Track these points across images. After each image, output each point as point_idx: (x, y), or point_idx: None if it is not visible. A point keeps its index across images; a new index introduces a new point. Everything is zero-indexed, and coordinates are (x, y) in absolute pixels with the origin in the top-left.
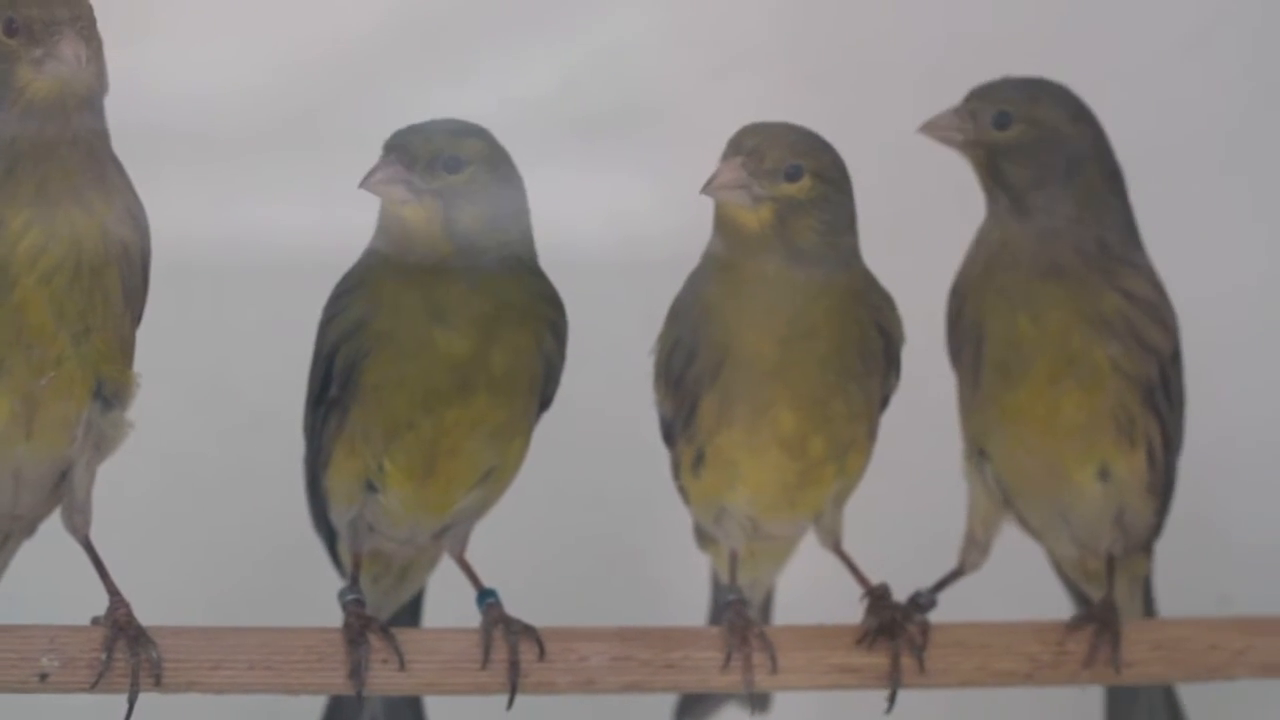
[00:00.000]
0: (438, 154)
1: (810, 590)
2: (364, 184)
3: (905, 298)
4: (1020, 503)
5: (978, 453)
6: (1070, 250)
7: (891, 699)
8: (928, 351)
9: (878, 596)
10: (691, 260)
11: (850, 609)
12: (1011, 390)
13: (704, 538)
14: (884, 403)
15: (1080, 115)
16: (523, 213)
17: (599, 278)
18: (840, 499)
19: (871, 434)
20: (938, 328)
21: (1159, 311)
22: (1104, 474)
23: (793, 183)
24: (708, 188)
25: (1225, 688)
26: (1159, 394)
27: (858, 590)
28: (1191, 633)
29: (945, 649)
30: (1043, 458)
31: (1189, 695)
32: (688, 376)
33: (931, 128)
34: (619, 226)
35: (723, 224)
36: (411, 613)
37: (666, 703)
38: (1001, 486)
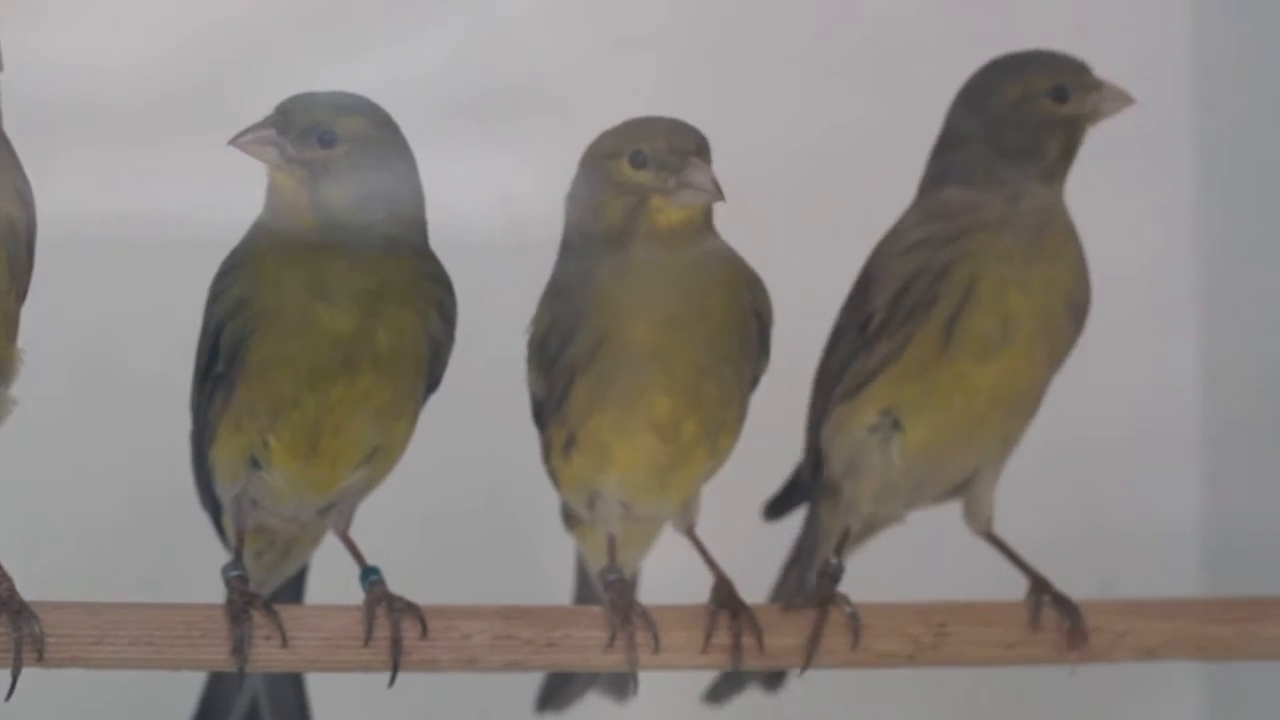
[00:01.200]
0: (314, 125)
1: (682, 571)
2: (234, 140)
3: (803, 280)
4: (907, 469)
5: (890, 425)
6: (1067, 222)
7: (730, 680)
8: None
9: (722, 581)
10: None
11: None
12: (981, 364)
13: (571, 520)
14: (753, 383)
15: None
16: (409, 195)
17: (486, 258)
18: (707, 480)
19: (742, 416)
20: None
21: (1091, 284)
22: (1006, 438)
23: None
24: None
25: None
26: None
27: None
28: None
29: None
30: (974, 429)
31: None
32: (563, 358)
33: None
34: (507, 207)
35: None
36: (295, 589)
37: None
38: (901, 457)
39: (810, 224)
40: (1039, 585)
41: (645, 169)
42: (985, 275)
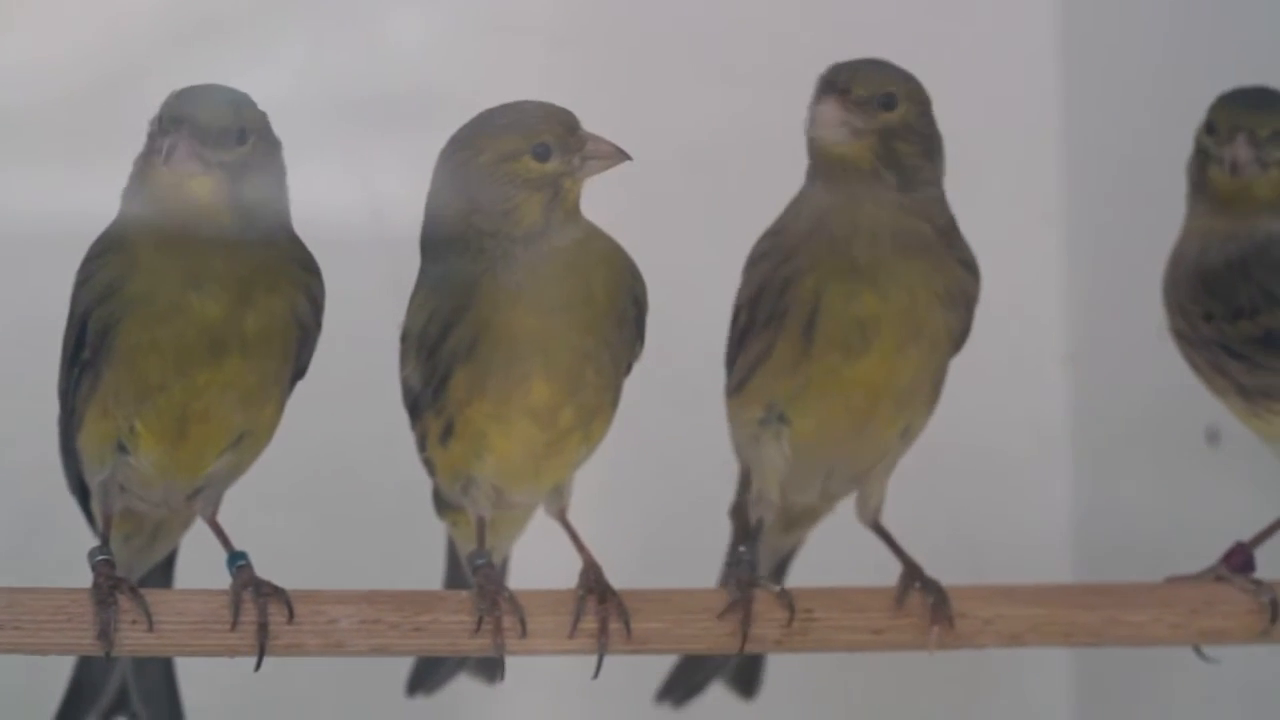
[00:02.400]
0: (229, 125)
1: (551, 557)
2: (167, 164)
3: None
4: (803, 460)
5: (776, 419)
6: (932, 223)
7: (598, 665)
8: None
9: (591, 565)
10: None
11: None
12: (850, 362)
13: (443, 506)
14: (627, 370)
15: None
16: (284, 178)
17: (349, 251)
18: (579, 466)
19: (615, 402)
20: None
21: (977, 273)
22: (905, 431)
23: None
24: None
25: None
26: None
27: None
28: None
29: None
30: (860, 421)
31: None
32: (443, 349)
33: (820, 129)
34: (370, 201)
35: None
36: (164, 573)
37: None
38: (793, 449)
39: (694, 216)
40: (911, 572)
41: (550, 160)
42: (828, 288)
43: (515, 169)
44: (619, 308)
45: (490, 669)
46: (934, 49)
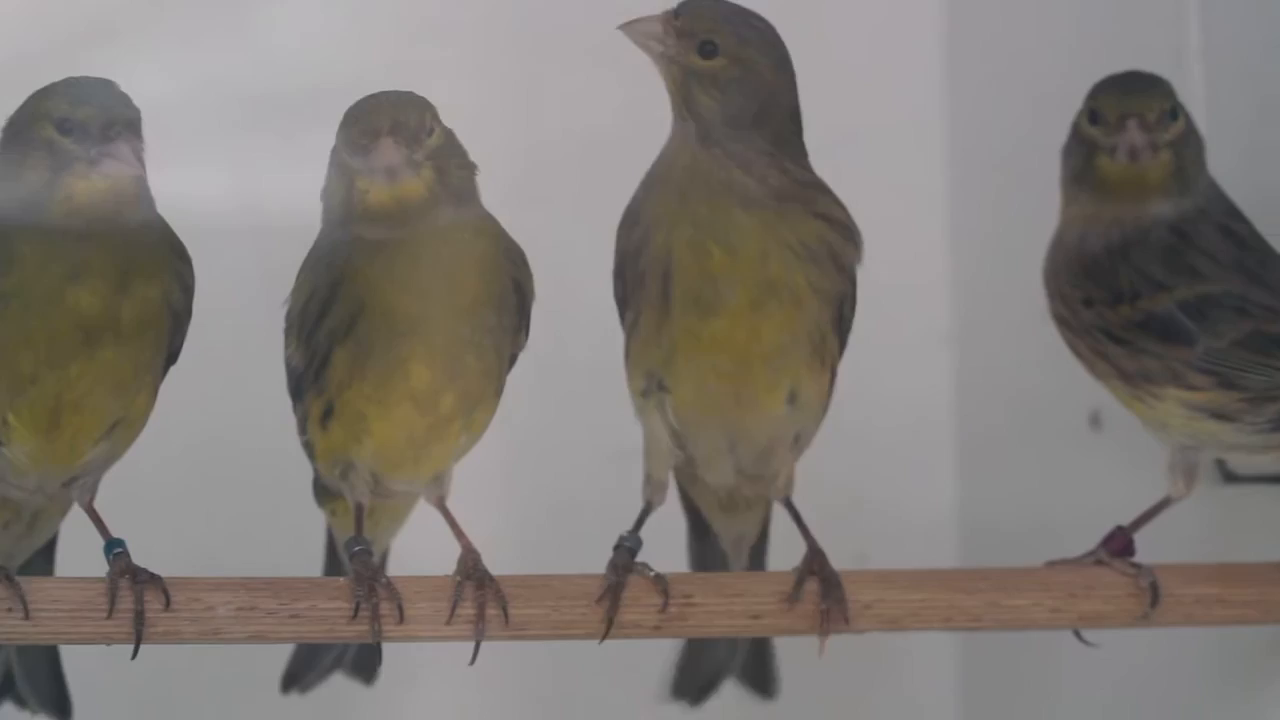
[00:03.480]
0: (113, 122)
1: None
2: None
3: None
4: (693, 434)
5: (656, 387)
6: (759, 181)
7: (475, 651)
8: None
9: (469, 551)
10: (315, 223)
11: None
12: (706, 320)
13: (323, 495)
14: (511, 361)
15: (783, 64)
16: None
17: (220, 241)
18: (460, 456)
19: (498, 391)
20: None
21: (851, 232)
22: (792, 397)
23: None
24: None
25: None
26: (846, 312)
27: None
28: None
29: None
30: (734, 385)
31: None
32: (322, 327)
33: (634, 30)
34: (242, 190)
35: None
36: (45, 561)
37: None
38: (679, 419)
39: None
40: (812, 558)
41: (354, 156)
42: (677, 245)
43: (337, 155)
44: (498, 293)
45: (366, 669)
46: (822, 40)
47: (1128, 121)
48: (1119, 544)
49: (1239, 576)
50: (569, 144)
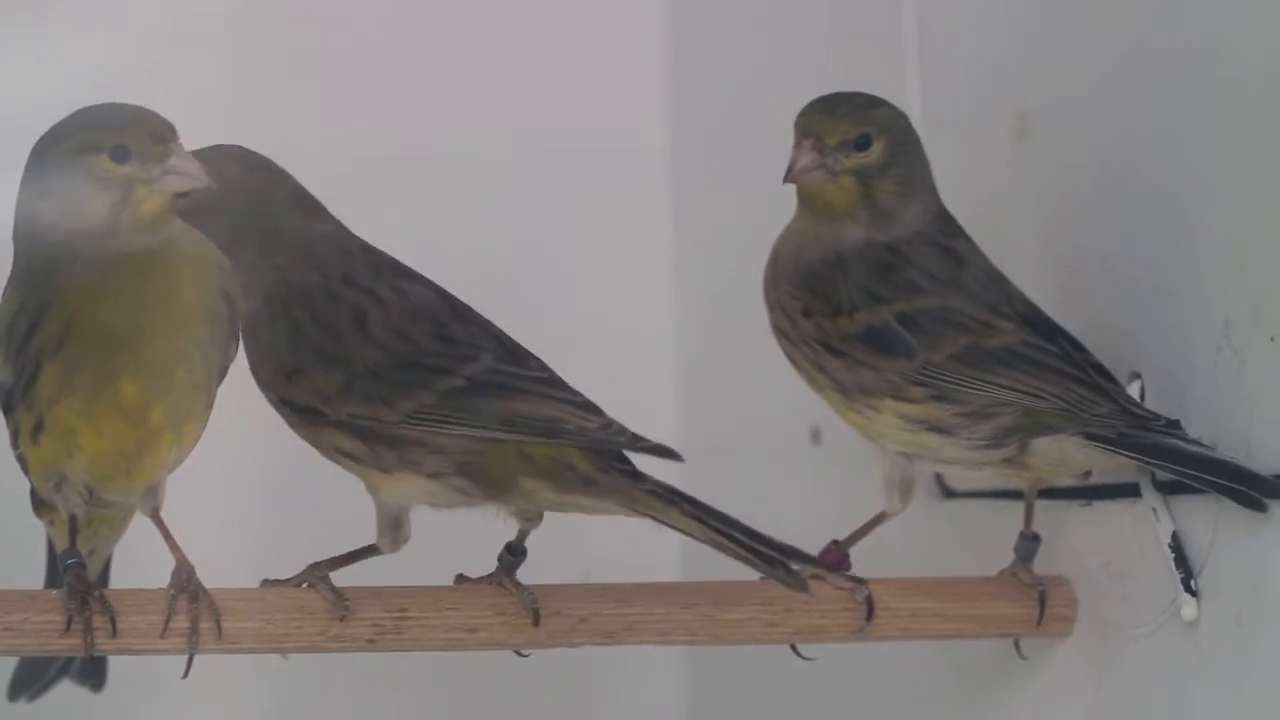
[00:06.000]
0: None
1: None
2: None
3: None
4: None
5: None
6: None
7: (188, 665)
8: None
9: (183, 564)
10: None
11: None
12: None
13: (40, 505)
14: (222, 374)
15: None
16: None
17: None
18: (173, 468)
19: (209, 404)
20: None
21: None
22: None
23: None
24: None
25: None
26: None
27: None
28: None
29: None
30: None
31: None
32: (31, 344)
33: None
34: None
35: None
36: None
37: None
38: None
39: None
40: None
41: (128, 163)
42: None
43: (88, 163)
44: (209, 307)
45: (94, 676)
46: (547, 51)
47: (805, 141)
48: (833, 558)
49: (955, 590)
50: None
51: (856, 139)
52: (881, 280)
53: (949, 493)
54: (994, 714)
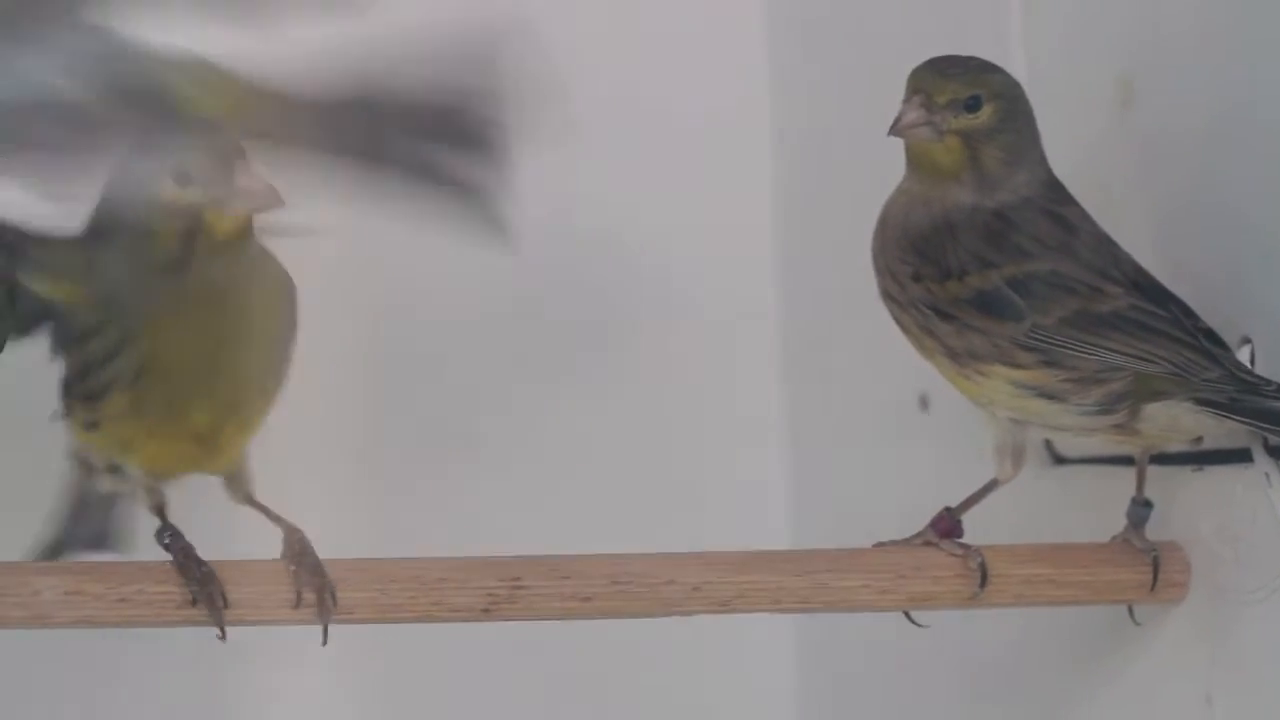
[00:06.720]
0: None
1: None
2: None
3: None
4: None
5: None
6: None
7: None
8: None
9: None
10: None
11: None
12: None
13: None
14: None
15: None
16: None
17: None
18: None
19: (279, 390)
20: None
21: None
22: None
23: None
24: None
25: None
26: None
27: None
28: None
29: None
30: None
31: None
32: (104, 372)
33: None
34: None
35: None
36: None
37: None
38: None
39: None
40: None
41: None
42: None
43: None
44: (282, 332)
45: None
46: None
47: (915, 97)
48: (946, 525)
49: (1068, 557)
50: None
51: (967, 100)
52: (991, 245)
53: (1060, 459)
54: (1108, 679)
